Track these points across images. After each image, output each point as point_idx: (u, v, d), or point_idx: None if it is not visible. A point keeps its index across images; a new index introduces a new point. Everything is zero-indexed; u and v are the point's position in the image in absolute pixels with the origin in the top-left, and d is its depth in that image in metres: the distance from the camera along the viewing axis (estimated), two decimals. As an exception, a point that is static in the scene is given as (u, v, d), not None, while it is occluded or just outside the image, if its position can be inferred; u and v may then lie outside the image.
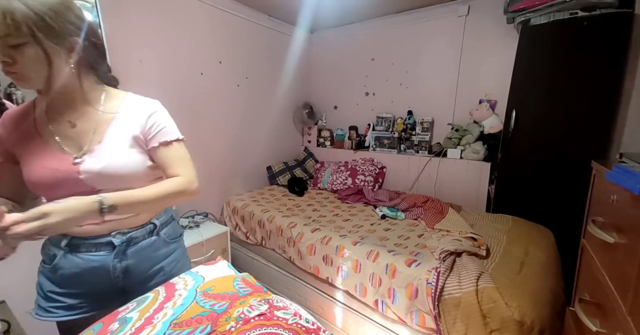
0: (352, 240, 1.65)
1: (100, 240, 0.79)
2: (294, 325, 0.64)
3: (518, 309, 1.08)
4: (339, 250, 1.61)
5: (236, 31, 2.53)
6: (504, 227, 1.80)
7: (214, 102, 2.43)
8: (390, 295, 1.39)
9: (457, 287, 1.22)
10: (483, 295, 1.15)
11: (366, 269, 1.49)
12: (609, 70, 1.62)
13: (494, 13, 2.19)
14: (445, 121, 2.56)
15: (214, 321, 0.63)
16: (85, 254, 0.78)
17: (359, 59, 3.01)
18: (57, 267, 0.78)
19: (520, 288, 1.19)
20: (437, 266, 1.31)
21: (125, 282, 0.83)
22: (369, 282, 1.47)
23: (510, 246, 1.56)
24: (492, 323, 1.10)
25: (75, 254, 0.78)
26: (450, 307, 1.20)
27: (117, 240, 0.79)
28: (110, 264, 0.79)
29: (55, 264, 0.78)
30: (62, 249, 0.78)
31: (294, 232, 1.86)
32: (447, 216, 1.90)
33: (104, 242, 0.79)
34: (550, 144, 1.82)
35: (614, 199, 0.74)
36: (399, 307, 1.36)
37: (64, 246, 0.78)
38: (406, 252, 1.53)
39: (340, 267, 1.59)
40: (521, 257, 1.45)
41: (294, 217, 2.04)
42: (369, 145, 2.90)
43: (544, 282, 1.29)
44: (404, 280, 1.35)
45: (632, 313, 0.60)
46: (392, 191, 2.52)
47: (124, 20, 1.81)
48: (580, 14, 1.65)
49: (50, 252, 0.80)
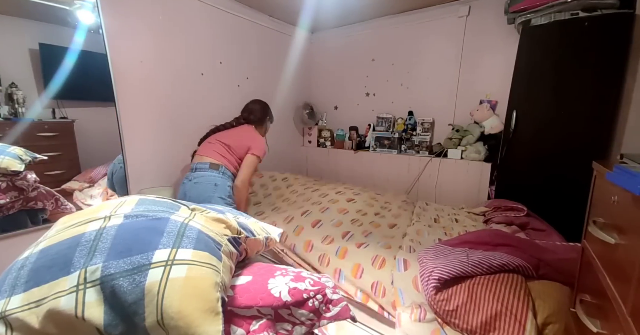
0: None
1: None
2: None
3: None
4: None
5: (237, 31, 2.53)
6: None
7: (215, 102, 2.43)
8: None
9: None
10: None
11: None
12: (609, 71, 1.62)
13: (495, 13, 2.19)
14: (445, 122, 2.56)
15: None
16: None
17: (359, 59, 3.01)
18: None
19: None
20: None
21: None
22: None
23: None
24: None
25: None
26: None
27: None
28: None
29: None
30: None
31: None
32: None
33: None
34: (550, 145, 1.82)
35: (615, 199, 0.74)
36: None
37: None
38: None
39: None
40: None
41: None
42: (369, 145, 2.90)
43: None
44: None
45: (633, 314, 0.60)
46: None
47: (125, 20, 1.82)
48: (581, 15, 1.65)
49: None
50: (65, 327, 0.55)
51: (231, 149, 1.85)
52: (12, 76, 1.50)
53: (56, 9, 1.60)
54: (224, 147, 1.85)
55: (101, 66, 1.73)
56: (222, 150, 1.83)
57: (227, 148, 1.85)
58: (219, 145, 1.86)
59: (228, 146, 1.85)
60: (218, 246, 0.72)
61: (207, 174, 1.73)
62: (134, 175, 1.97)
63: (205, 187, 1.69)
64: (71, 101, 1.71)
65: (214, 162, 1.78)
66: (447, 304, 1.11)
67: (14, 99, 1.51)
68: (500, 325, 1.03)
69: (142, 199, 0.78)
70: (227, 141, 1.87)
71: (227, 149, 1.85)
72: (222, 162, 1.80)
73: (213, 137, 1.92)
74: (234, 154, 1.86)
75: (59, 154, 1.69)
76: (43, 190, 1.63)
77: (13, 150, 1.49)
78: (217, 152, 1.82)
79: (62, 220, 0.73)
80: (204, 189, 1.69)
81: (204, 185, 1.70)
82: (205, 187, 1.69)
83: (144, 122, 2.00)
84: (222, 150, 1.84)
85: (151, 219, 0.69)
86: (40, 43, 1.58)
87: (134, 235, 0.64)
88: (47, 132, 1.64)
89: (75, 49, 1.68)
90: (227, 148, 1.85)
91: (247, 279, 0.78)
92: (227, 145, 1.85)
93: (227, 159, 1.83)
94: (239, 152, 1.86)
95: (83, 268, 0.57)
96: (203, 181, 1.71)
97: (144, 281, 0.56)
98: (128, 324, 0.55)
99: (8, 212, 1.50)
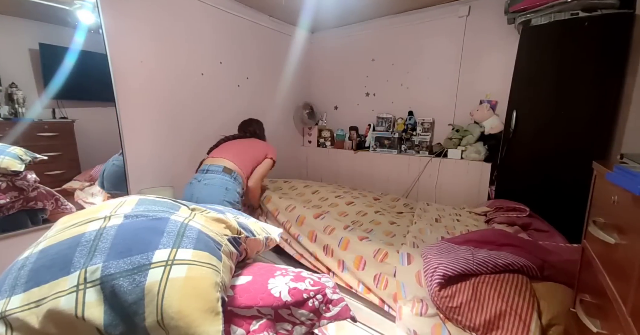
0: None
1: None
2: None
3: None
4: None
5: (237, 31, 2.53)
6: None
7: (215, 102, 2.43)
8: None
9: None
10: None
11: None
12: (609, 71, 1.62)
13: (495, 13, 2.19)
14: (445, 122, 2.56)
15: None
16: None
17: (359, 59, 3.01)
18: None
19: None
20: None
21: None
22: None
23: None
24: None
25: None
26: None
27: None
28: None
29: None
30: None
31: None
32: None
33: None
34: (550, 145, 1.82)
35: (615, 199, 0.74)
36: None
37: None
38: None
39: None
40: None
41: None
42: (369, 145, 2.90)
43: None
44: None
45: (633, 314, 0.60)
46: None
47: (125, 20, 1.82)
48: (581, 15, 1.65)
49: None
50: (65, 327, 0.55)
51: (247, 156, 1.88)
52: (12, 76, 1.50)
53: (56, 9, 1.60)
54: (240, 153, 1.87)
55: (101, 66, 1.73)
56: (238, 156, 1.85)
57: (244, 154, 1.88)
58: (235, 150, 1.88)
59: (244, 153, 1.88)
60: (218, 246, 0.72)
61: (219, 177, 1.72)
62: (134, 175, 1.97)
63: (216, 190, 1.68)
64: (71, 101, 1.70)
65: (228, 166, 1.78)
66: (450, 301, 1.11)
67: (14, 99, 1.50)
68: (504, 324, 1.03)
69: (142, 199, 0.78)
70: (243, 148, 1.91)
71: (243, 155, 1.87)
72: (237, 166, 1.80)
73: (227, 144, 1.95)
74: (249, 161, 1.88)
75: (59, 154, 1.69)
76: (43, 190, 1.63)
77: (13, 150, 1.49)
78: (234, 156, 1.83)
79: (62, 220, 0.73)
80: (215, 191, 1.67)
81: (215, 188, 1.68)
82: (217, 190, 1.68)
83: (144, 122, 2.00)
84: (238, 155, 1.85)
85: (151, 219, 0.69)
86: (40, 43, 1.58)
87: (134, 235, 0.64)
88: (47, 132, 1.64)
89: (75, 49, 1.68)
90: (243, 154, 1.88)
91: (247, 279, 0.78)
92: (244, 152, 1.89)
93: (242, 165, 1.83)
94: (255, 159, 1.91)
95: (83, 268, 0.57)
96: (215, 183, 1.70)
97: (144, 281, 0.56)
98: (128, 324, 0.55)
99: (8, 212, 1.50)
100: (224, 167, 1.76)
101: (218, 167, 1.76)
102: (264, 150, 1.99)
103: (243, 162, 1.85)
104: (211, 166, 1.78)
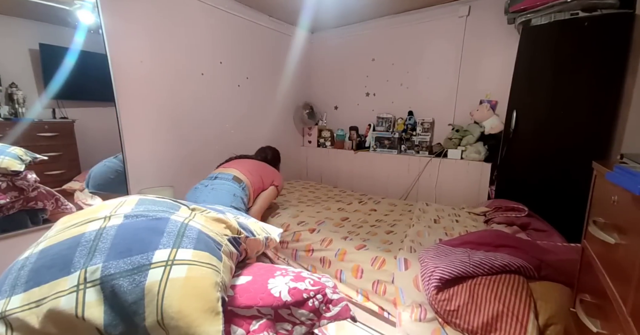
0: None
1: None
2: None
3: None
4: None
5: (237, 31, 2.53)
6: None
7: (215, 103, 2.43)
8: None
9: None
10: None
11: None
12: (609, 71, 1.62)
13: (495, 13, 2.19)
14: (445, 122, 2.56)
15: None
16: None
17: (359, 59, 3.01)
18: None
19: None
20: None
21: None
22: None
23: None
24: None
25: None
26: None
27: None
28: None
29: None
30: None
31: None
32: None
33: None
34: (551, 145, 1.82)
35: (615, 199, 0.74)
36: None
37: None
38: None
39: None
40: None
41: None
42: (369, 145, 2.90)
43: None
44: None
45: (633, 314, 0.60)
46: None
47: (125, 20, 1.82)
48: (581, 15, 1.65)
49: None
50: (65, 327, 0.55)
51: (256, 175, 1.87)
52: (12, 76, 1.50)
53: (56, 9, 1.60)
54: (251, 170, 1.87)
55: (101, 66, 1.73)
56: (249, 172, 1.84)
57: (254, 172, 1.87)
58: (247, 166, 1.88)
59: (255, 171, 1.88)
60: (218, 246, 0.72)
61: (227, 183, 1.70)
62: (134, 175, 1.97)
63: (224, 195, 1.64)
64: (71, 101, 1.70)
65: (238, 176, 1.76)
66: (448, 304, 1.11)
67: (14, 99, 1.50)
68: (502, 326, 1.03)
69: (142, 199, 0.78)
70: (253, 167, 1.91)
71: (253, 172, 1.86)
72: (246, 178, 1.79)
73: (238, 160, 1.96)
74: (257, 182, 1.85)
75: (59, 154, 1.69)
76: (43, 190, 1.63)
77: (13, 150, 1.49)
78: (245, 170, 1.83)
79: (62, 220, 0.73)
80: (222, 196, 1.64)
81: (222, 193, 1.65)
82: (224, 195, 1.64)
83: (144, 122, 2.00)
84: (249, 171, 1.84)
85: (151, 219, 0.69)
86: (40, 43, 1.57)
87: (134, 235, 0.64)
88: (47, 132, 1.64)
89: (75, 49, 1.67)
90: (254, 172, 1.87)
91: (247, 279, 0.78)
92: (254, 170, 1.88)
93: (252, 179, 1.82)
94: (262, 181, 1.88)
95: (83, 268, 0.57)
96: (222, 189, 1.67)
97: (144, 281, 0.56)
98: (128, 324, 0.55)
99: (8, 212, 1.50)
100: (234, 176, 1.75)
101: (228, 175, 1.75)
102: (271, 176, 1.96)
103: (253, 178, 1.82)
104: (220, 174, 1.77)
